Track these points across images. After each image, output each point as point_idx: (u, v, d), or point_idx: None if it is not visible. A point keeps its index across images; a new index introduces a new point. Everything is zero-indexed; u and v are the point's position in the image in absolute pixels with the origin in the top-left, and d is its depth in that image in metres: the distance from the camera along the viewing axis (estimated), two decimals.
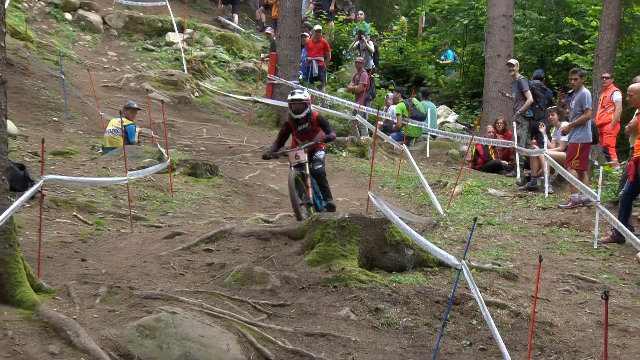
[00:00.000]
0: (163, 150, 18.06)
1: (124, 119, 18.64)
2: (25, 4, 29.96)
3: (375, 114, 23.43)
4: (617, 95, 19.32)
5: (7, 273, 10.11)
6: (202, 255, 12.92)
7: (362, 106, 25.19)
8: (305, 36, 28.03)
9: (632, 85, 14.68)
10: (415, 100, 24.66)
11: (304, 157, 13.86)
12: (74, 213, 14.56)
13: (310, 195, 13.90)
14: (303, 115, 13.84)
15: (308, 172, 13.95)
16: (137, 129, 20.25)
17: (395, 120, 24.82)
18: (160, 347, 9.80)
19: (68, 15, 31.02)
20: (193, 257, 12.86)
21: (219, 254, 12.95)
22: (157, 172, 16.32)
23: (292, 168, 13.90)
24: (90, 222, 14.32)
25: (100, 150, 19.49)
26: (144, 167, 16.13)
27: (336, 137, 14.78)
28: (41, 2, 30.82)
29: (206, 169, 17.91)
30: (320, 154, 14.27)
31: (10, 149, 11.56)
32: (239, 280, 11.78)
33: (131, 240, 13.48)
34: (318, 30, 28.26)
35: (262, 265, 12.27)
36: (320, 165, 14.12)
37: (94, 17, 31.44)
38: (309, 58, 27.65)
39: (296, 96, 13.87)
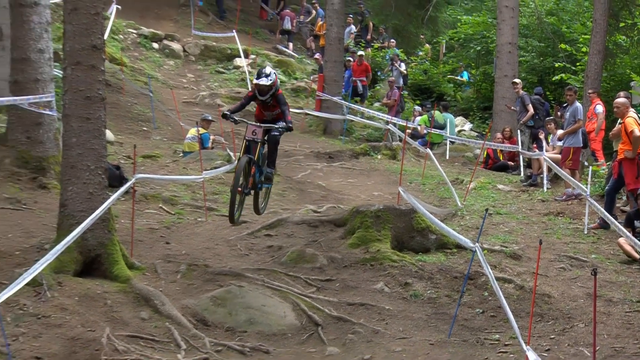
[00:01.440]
0: (232, 154, 18.08)
1: (200, 129, 18.71)
2: (121, 36, 30.13)
3: (405, 124, 23.39)
4: (599, 108, 19.18)
5: (106, 253, 10.23)
6: (263, 239, 12.99)
7: (393, 118, 25.14)
8: (350, 60, 28.01)
9: (617, 100, 14.69)
10: (437, 113, 24.61)
11: (260, 136, 11.35)
12: (160, 205, 14.65)
13: (250, 185, 11.40)
14: (267, 96, 11.51)
15: (256, 157, 11.34)
16: (211, 137, 20.29)
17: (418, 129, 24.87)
18: (230, 314, 9.86)
19: (155, 45, 31.20)
20: (256, 240, 12.92)
21: (277, 238, 13.01)
22: (227, 172, 16.34)
23: (245, 140, 11.41)
24: (173, 212, 14.40)
25: (181, 154, 19.56)
26: (216, 168, 16.15)
27: (292, 128, 11.89)
28: (134, 34, 31.00)
29: None
30: (280, 124, 11.79)
31: (108, 153, 11.66)
32: (293, 259, 11.82)
33: (206, 227, 13.55)
34: (361, 55, 28.22)
35: (312, 247, 12.30)
36: (277, 134, 11.79)
37: (176, 46, 31.57)
38: (354, 78, 27.64)
39: (262, 81, 11.31)
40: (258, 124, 11.54)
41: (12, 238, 11.15)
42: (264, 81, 11.28)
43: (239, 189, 11.06)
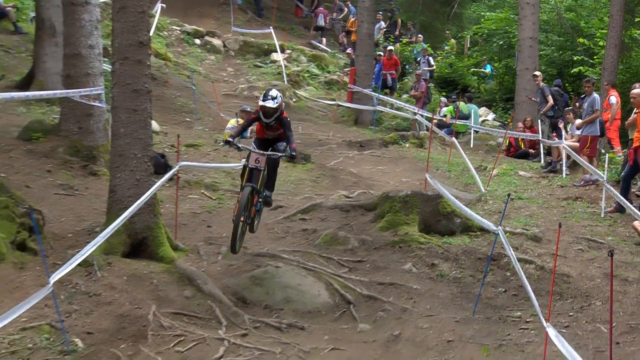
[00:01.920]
0: None
1: (239, 119, 18.75)
2: (166, 33, 30.22)
3: (431, 115, 23.30)
4: (613, 99, 19.09)
5: (152, 236, 10.30)
6: (298, 223, 13.00)
7: (420, 109, 25.10)
8: (380, 55, 27.99)
9: (633, 91, 14.65)
10: (461, 104, 24.52)
11: (262, 164, 10.22)
12: (202, 191, 14.69)
13: (252, 215, 10.55)
14: (272, 119, 10.39)
15: (258, 185, 10.27)
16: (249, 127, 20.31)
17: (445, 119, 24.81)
18: (267, 293, 9.89)
19: (197, 41, 31.24)
20: (291, 224, 12.94)
21: (311, 222, 13.02)
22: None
23: (248, 168, 10.29)
24: (214, 198, 14.44)
25: (221, 143, 19.56)
26: None
27: (295, 156, 10.66)
28: (177, 31, 31.08)
29: (301, 157, 17.86)
30: (281, 144, 10.68)
31: (154, 142, 11.69)
32: (327, 242, 11.83)
33: None
34: (391, 50, 28.17)
35: (344, 230, 12.31)
36: (277, 157, 10.55)
37: (217, 41, 31.61)
38: (384, 71, 27.59)
39: (268, 104, 10.27)
40: (261, 151, 10.40)
41: (65, 222, 11.25)
42: (270, 103, 10.30)
43: (242, 219, 10.12)
